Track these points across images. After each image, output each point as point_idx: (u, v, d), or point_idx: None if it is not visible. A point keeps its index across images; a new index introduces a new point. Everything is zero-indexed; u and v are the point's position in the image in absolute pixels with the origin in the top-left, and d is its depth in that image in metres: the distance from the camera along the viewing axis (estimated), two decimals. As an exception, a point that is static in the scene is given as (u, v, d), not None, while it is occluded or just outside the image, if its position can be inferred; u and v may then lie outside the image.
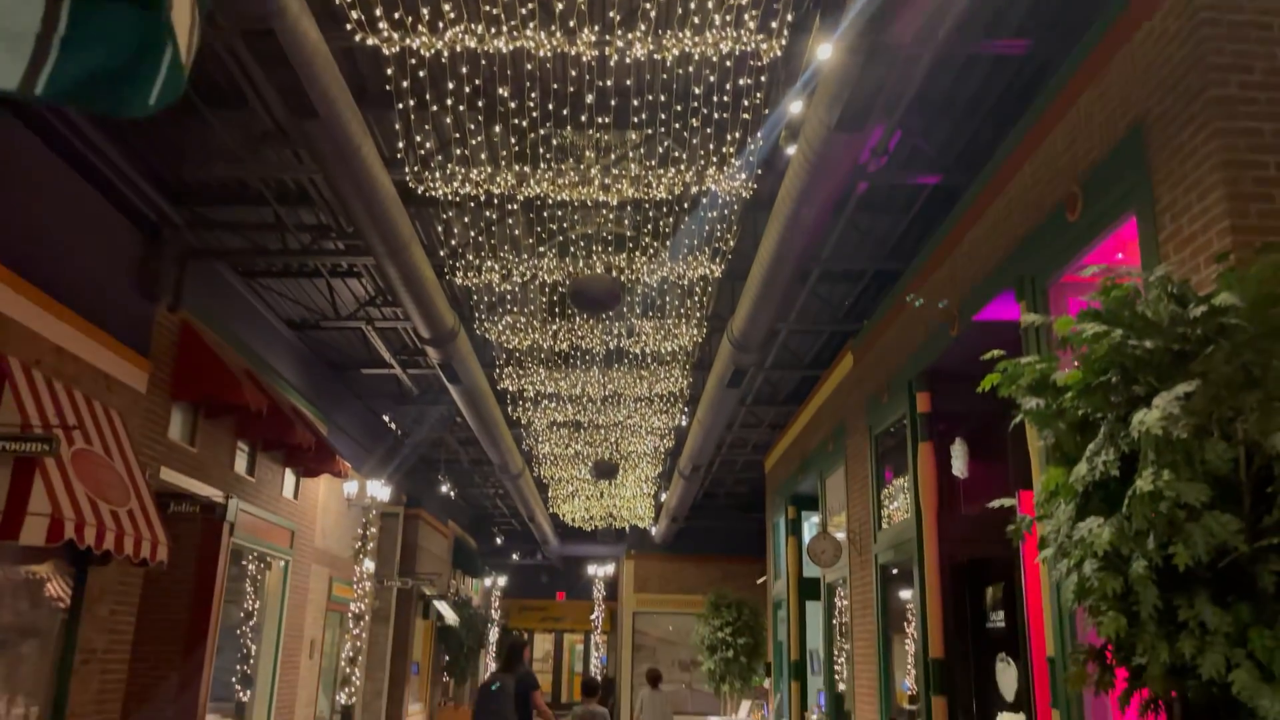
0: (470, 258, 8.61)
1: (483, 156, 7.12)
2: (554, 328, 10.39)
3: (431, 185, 7.25)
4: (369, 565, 14.20)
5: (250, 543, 11.46)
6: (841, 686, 12.13)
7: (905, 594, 10.18)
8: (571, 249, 8.48)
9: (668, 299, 10.22)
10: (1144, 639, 3.05)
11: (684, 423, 14.27)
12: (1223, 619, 2.90)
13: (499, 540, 30.51)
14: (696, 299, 9.95)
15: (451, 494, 21.87)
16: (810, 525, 14.39)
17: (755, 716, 16.00)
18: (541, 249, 8.55)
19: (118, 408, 8.32)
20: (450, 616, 22.89)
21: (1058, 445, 3.56)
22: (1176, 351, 3.24)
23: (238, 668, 12.07)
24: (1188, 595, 3.00)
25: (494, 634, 28.31)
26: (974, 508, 9.13)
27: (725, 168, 6.95)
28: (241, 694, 12.06)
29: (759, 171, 7.28)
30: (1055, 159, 6.19)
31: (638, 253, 8.62)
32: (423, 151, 7.10)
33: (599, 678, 27.64)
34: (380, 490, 14.26)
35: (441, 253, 8.93)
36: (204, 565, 10.27)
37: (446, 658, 24.06)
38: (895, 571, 10.17)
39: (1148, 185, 5.05)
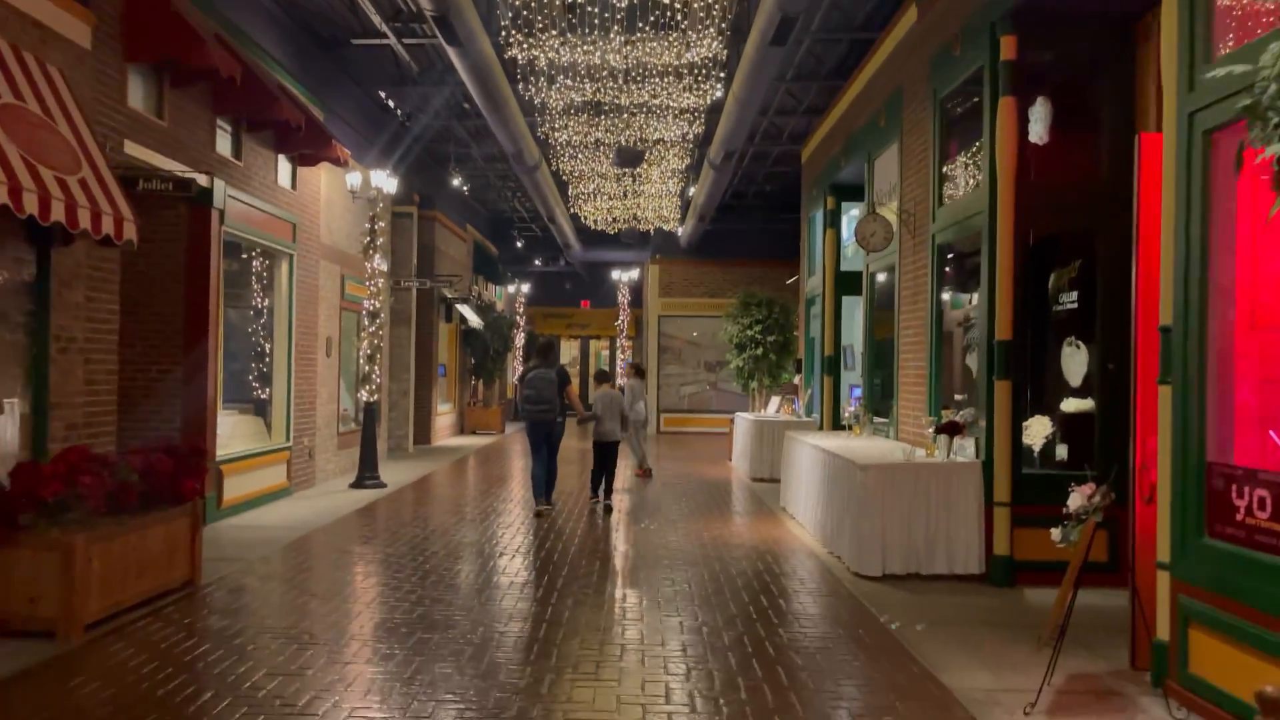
0: None
1: None
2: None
3: None
4: (380, 263, 13.38)
5: (247, 233, 10.57)
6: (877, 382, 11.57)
7: (949, 288, 9.24)
8: None
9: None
10: None
11: (719, 95, 12.73)
12: None
13: (520, 245, 29.80)
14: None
15: (465, 190, 20.75)
16: (850, 218, 13.29)
17: (785, 410, 15.77)
18: None
19: (58, 64, 7.08)
20: (474, 320, 22.58)
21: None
22: None
23: (254, 366, 11.62)
24: None
25: (520, 339, 28.29)
26: (1051, 179, 7.90)
27: None
28: (260, 392, 11.69)
29: None
30: None
31: None
32: None
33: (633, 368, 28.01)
34: (386, 182, 13.14)
35: None
36: (195, 255, 9.50)
37: (473, 360, 24.04)
38: (951, 255, 9.18)
39: None
